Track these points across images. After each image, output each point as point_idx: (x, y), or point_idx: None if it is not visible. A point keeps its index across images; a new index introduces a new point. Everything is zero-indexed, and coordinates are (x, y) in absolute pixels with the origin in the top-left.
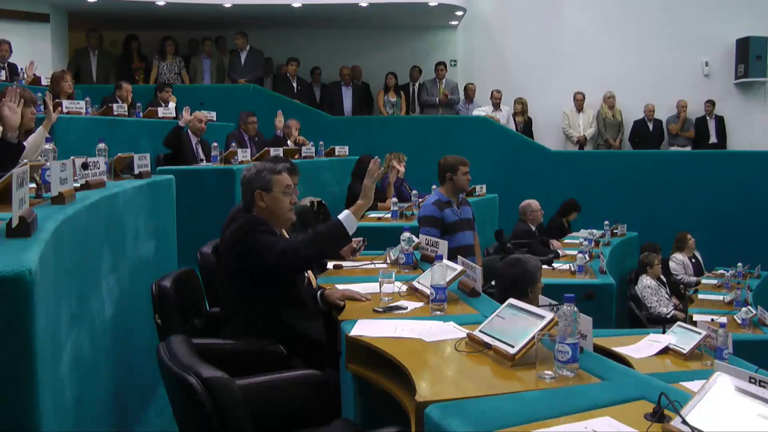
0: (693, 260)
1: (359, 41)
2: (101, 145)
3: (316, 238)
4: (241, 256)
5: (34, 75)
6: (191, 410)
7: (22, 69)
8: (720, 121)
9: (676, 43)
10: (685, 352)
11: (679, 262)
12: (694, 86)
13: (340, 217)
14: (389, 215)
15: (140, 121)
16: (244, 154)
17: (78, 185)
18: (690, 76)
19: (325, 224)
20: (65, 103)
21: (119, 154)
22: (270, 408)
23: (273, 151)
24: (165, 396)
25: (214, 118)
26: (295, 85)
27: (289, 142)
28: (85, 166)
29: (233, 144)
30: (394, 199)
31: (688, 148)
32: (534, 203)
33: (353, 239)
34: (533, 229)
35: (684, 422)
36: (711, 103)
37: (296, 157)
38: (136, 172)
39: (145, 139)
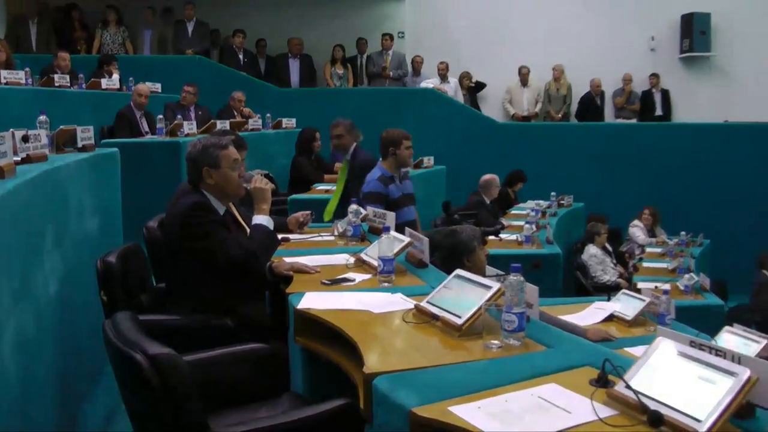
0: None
1: (306, 12)
2: (42, 117)
3: (261, 248)
4: (187, 240)
5: None
6: (138, 387)
7: None
8: (665, 94)
9: (622, 18)
10: (629, 318)
11: (641, 227)
12: (641, 60)
13: (264, 222)
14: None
15: (83, 93)
16: (190, 127)
17: (18, 159)
18: (636, 50)
19: (261, 233)
20: (3, 73)
21: (61, 127)
22: (218, 383)
23: (219, 124)
24: (113, 374)
25: (159, 90)
26: (241, 57)
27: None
28: (25, 139)
29: (163, 115)
30: None
31: (634, 121)
32: (496, 180)
33: (301, 213)
34: (487, 201)
35: (627, 387)
36: (655, 77)
37: (243, 129)
38: (80, 145)
39: (89, 112)
